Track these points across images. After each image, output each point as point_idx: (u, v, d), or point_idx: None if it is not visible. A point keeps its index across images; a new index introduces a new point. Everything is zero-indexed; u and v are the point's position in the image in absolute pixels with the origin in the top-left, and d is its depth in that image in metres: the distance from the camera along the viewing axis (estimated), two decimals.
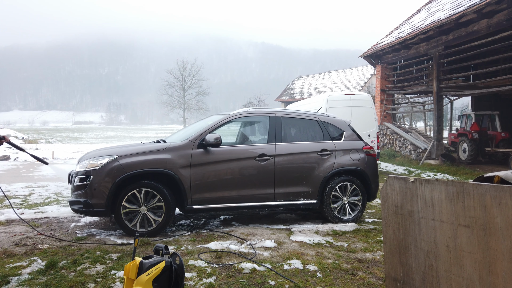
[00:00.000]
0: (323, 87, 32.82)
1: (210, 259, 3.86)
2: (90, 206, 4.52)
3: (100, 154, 4.86)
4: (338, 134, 5.77)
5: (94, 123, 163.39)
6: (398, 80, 17.22)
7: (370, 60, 17.93)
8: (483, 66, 13.21)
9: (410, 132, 15.97)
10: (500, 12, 10.27)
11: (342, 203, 5.52)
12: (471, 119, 14.68)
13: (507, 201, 1.77)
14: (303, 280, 3.36)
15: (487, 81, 12.59)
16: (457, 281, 2.07)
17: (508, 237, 1.79)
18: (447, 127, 20.39)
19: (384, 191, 2.61)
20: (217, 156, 4.96)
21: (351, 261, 3.89)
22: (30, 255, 3.93)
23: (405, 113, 19.92)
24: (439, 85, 13.72)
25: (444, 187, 2.11)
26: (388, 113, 17.34)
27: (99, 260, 3.74)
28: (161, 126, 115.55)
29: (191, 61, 48.43)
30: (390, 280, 2.59)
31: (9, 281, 3.22)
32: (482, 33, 11.14)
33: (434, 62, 13.58)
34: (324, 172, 5.41)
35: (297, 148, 5.40)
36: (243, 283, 3.26)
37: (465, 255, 2.01)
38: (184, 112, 46.87)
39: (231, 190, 5.01)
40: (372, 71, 27.76)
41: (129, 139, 37.79)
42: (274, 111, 5.62)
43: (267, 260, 3.86)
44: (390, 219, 2.57)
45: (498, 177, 2.07)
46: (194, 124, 6.03)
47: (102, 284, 3.20)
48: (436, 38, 13.21)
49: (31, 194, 7.70)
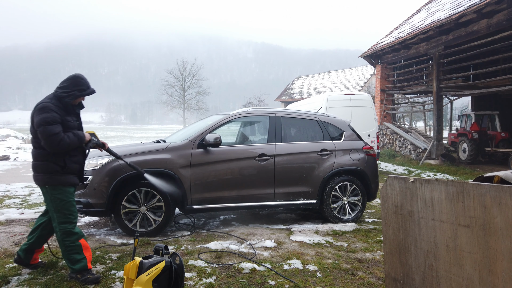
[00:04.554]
0: (323, 87, 32.82)
1: (210, 259, 3.86)
2: (90, 206, 4.52)
3: (100, 154, 4.86)
4: (338, 134, 5.77)
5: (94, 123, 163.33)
6: (398, 80, 17.22)
7: (370, 60, 17.93)
8: (483, 66, 13.21)
9: (410, 132, 15.97)
10: (500, 12, 10.27)
11: (342, 203, 5.52)
12: (471, 119, 14.68)
13: (507, 201, 1.77)
14: (303, 280, 3.36)
15: (487, 81, 12.59)
16: (457, 281, 2.07)
17: (508, 237, 1.79)
18: (447, 127, 20.39)
19: (384, 191, 2.61)
20: (217, 156, 4.96)
21: (351, 261, 3.89)
22: None
23: (405, 113, 19.93)
24: (439, 85, 13.72)
25: (444, 187, 2.11)
26: (388, 113, 17.34)
27: (99, 260, 3.74)
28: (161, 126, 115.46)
29: (191, 61, 48.42)
30: (390, 280, 2.59)
31: (9, 281, 3.22)
32: (482, 33, 11.14)
33: (434, 62, 13.58)
34: (324, 172, 5.41)
35: (297, 148, 5.40)
36: (243, 283, 3.26)
37: (465, 255, 2.01)
38: (184, 112, 46.86)
39: (231, 190, 5.01)
40: (372, 71, 27.75)
41: (129, 139, 37.76)
42: (274, 111, 5.62)
43: (267, 260, 3.86)
44: (390, 219, 2.57)
45: (498, 177, 2.08)
46: (194, 124, 6.03)
47: (102, 284, 3.19)
48: (436, 38, 13.21)
49: (31, 194, 7.69)
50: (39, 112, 3.14)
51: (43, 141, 3.12)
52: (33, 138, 3.25)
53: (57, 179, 3.20)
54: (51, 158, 3.19)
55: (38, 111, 3.15)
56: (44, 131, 3.08)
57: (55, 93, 3.30)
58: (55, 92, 3.31)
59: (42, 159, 3.20)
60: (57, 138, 3.10)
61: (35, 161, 3.24)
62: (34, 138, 3.24)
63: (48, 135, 3.08)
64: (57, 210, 3.21)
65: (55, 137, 3.10)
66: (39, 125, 3.10)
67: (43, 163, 3.20)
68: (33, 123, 3.19)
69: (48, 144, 3.11)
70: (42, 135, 3.10)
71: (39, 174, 3.21)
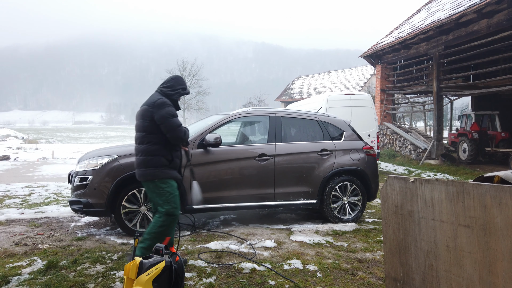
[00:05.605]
0: (323, 87, 32.81)
1: (210, 259, 3.86)
2: (90, 206, 4.53)
3: (100, 154, 4.86)
4: (338, 134, 5.76)
5: (94, 123, 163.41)
6: (398, 80, 17.21)
7: (370, 60, 17.93)
8: (483, 66, 13.21)
9: (410, 132, 15.97)
10: (500, 12, 10.26)
11: (342, 203, 5.52)
12: (471, 119, 14.67)
13: (507, 201, 1.77)
14: (303, 280, 3.36)
15: (487, 81, 12.59)
16: (457, 281, 2.07)
17: (508, 237, 1.79)
18: (447, 127, 20.39)
19: (384, 191, 2.61)
20: (217, 156, 4.96)
21: (351, 261, 3.89)
22: (30, 255, 3.93)
23: (405, 113, 19.92)
24: (439, 85, 13.72)
25: (444, 187, 2.11)
26: (388, 113, 17.33)
27: (99, 260, 3.74)
28: None
29: (191, 61, 48.37)
30: (390, 280, 2.59)
31: (9, 281, 3.22)
32: (482, 33, 11.13)
33: (434, 62, 13.58)
34: (324, 172, 5.41)
35: (297, 148, 5.40)
36: (243, 283, 3.26)
37: (465, 255, 2.01)
38: (184, 112, 46.81)
39: (231, 190, 5.01)
40: (372, 71, 27.75)
41: (129, 139, 37.78)
42: (274, 111, 5.61)
43: (267, 260, 3.86)
44: (390, 219, 2.57)
45: (498, 177, 2.07)
46: (194, 124, 6.03)
47: (102, 284, 3.20)
48: (436, 38, 13.20)
49: (31, 194, 7.69)
50: (161, 107, 3.31)
51: (169, 133, 3.32)
52: (144, 133, 3.36)
53: (167, 173, 3.36)
54: (162, 152, 3.35)
55: (159, 106, 3.31)
56: (171, 124, 3.30)
57: (160, 92, 3.47)
58: (160, 91, 3.48)
59: (153, 154, 3.33)
60: (182, 129, 3.37)
61: (145, 156, 3.34)
62: (145, 134, 3.36)
63: (175, 126, 3.31)
64: (166, 202, 3.34)
65: (180, 129, 3.34)
66: (165, 118, 3.29)
67: (153, 157, 3.33)
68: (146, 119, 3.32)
69: (174, 136, 3.34)
70: (169, 128, 3.30)
71: (149, 169, 3.33)
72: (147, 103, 3.40)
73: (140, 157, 3.37)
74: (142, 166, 3.35)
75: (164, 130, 3.31)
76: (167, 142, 3.39)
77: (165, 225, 3.33)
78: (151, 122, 3.33)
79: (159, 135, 3.35)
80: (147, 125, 3.33)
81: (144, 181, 3.39)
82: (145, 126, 3.35)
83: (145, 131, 3.35)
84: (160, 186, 3.34)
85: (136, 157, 3.42)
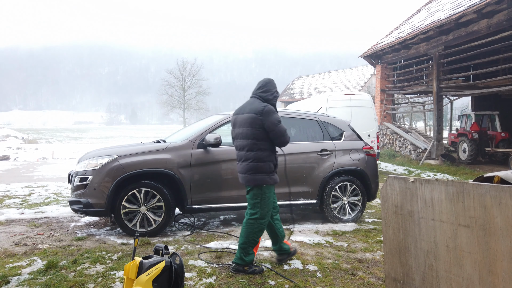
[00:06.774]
0: (323, 87, 32.81)
1: (210, 259, 3.86)
2: (90, 206, 4.53)
3: (100, 154, 4.87)
4: (338, 134, 5.77)
5: (94, 123, 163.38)
6: (398, 80, 17.22)
7: (370, 60, 17.93)
8: (483, 66, 13.21)
9: (410, 132, 15.97)
10: (500, 12, 10.27)
11: (342, 203, 5.52)
12: (471, 119, 14.68)
13: (507, 201, 1.77)
14: (303, 280, 3.36)
15: (487, 81, 12.59)
16: (457, 281, 2.07)
17: (508, 237, 1.79)
18: (447, 127, 20.40)
19: (384, 191, 2.61)
20: (217, 156, 4.96)
21: (351, 261, 3.89)
22: (30, 255, 3.93)
23: (405, 113, 19.92)
24: (439, 85, 13.72)
25: (444, 187, 2.11)
26: (388, 113, 17.33)
27: (99, 260, 3.74)
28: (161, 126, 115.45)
29: (191, 61, 48.37)
30: (390, 280, 2.59)
31: (9, 281, 3.22)
32: (482, 33, 11.13)
33: (434, 62, 13.58)
34: (324, 172, 5.41)
35: (297, 148, 5.40)
36: (243, 283, 3.26)
37: (465, 255, 2.01)
38: (184, 112, 46.81)
39: (231, 190, 5.00)
40: (372, 71, 27.75)
41: (129, 139, 37.78)
42: None
43: (267, 260, 3.86)
44: (390, 219, 2.57)
45: (498, 177, 2.07)
46: (194, 124, 6.03)
47: (102, 284, 3.20)
48: (436, 38, 13.21)
49: (31, 194, 7.70)
50: (269, 114, 3.41)
51: (279, 139, 3.46)
52: (254, 141, 3.44)
53: (274, 179, 3.51)
54: (270, 158, 3.46)
55: (267, 113, 3.40)
56: (280, 130, 3.43)
57: (259, 97, 3.54)
58: (259, 96, 3.55)
59: (264, 160, 3.44)
60: (287, 134, 3.50)
61: (256, 163, 3.43)
62: (255, 141, 3.43)
63: (283, 132, 3.45)
64: (263, 207, 3.47)
65: (286, 134, 3.48)
66: (275, 125, 3.41)
67: (265, 164, 3.44)
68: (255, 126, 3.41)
69: (282, 141, 3.48)
70: (278, 134, 3.43)
71: (259, 174, 3.43)
72: (252, 111, 3.45)
73: (249, 163, 3.45)
74: (253, 172, 3.43)
75: (273, 136, 3.44)
76: (273, 148, 3.52)
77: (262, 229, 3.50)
78: (261, 129, 3.42)
79: (267, 142, 3.47)
80: (257, 132, 3.43)
81: (252, 186, 3.47)
82: (254, 133, 3.44)
83: (255, 138, 3.44)
84: (264, 191, 3.46)
85: (242, 162, 3.51)
